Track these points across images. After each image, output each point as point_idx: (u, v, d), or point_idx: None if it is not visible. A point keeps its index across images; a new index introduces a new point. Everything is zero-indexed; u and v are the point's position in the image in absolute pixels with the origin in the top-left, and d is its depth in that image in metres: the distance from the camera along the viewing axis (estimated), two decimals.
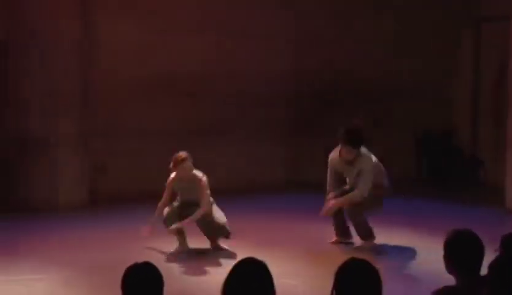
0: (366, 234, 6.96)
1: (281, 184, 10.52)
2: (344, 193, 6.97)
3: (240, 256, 3.05)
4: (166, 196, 6.84)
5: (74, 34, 9.07)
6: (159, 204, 6.84)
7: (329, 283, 2.90)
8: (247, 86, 10.49)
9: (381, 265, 2.95)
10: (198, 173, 6.73)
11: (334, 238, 7.24)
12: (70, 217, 8.55)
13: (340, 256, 6.14)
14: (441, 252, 3.36)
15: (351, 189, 6.91)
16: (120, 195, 9.32)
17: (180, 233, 6.77)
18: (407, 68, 11.19)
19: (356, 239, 7.11)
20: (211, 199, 6.79)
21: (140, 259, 3.11)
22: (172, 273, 6.01)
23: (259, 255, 2.98)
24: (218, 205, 6.91)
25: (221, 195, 7.11)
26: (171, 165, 6.70)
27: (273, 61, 10.60)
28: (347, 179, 7.02)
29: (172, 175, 6.78)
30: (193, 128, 10.17)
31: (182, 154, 6.70)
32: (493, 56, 10.82)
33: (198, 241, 6.91)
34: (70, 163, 9.03)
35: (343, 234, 7.23)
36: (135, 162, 9.80)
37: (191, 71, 10.14)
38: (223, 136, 10.39)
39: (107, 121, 9.73)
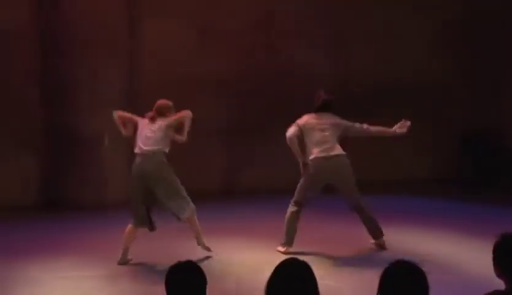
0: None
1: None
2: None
3: (280, 257, 3.00)
4: (128, 117, 6.66)
5: (123, 33, 9.17)
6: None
7: (373, 285, 2.84)
8: (296, 87, 10.44)
9: (428, 268, 2.86)
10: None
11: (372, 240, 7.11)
12: (118, 214, 8.62)
13: (384, 257, 6.11)
14: (491, 256, 3.28)
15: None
16: None
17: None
18: (455, 67, 10.99)
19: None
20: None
21: (185, 258, 3.10)
22: (213, 272, 6.00)
23: (301, 256, 2.94)
24: (267, 204, 6.86)
25: (276, 193, 7.06)
26: (156, 112, 6.52)
27: (322, 61, 10.52)
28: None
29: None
30: (241, 128, 10.17)
31: (166, 101, 6.59)
32: None
33: (236, 243, 6.90)
34: (118, 161, 9.12)
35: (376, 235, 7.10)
36: (184, 162, 9.84)
37: (239, 71, 10.14)
38: (269, 136, 10.37)
39: None
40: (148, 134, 6.47)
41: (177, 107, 10.16)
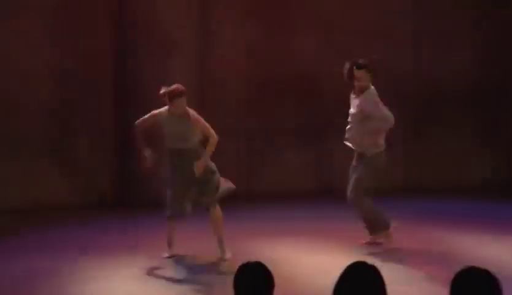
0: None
1: (397, 186, 10.20)
2: None
3: (345, 261, 2.96)
4: (146, 121, 6.52)
5: (190, 34, 9.26)
6: (139, 122, 6.57)
7: (444, 291, 2.77)
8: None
9: (503, 275, 2.77)
10: (190, 110, 6.46)
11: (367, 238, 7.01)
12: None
13: (455, 263, 5.95)
14: None
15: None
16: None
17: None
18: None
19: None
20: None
21: (256, 259, 3.09)
22: (281, 273, 5.98)
23: (368, 260, 2.90)
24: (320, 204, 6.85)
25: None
26: (166, 97, 6.38)
27: (390, 60, 10.35)
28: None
29: (162, 109, 6.44)
30: (309, 128, 10.11)
31: (180, 87, 6.42)
32: None
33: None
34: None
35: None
36: (248, 161, 9.86)
37: (304, 72, 10.10)
38: (333, 138, 10.28)
39: (222, 121, 9.83)
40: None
41: (248, 107, 10.17)
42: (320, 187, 9.96)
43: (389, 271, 3.83)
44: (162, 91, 6.47)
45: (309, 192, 9.66)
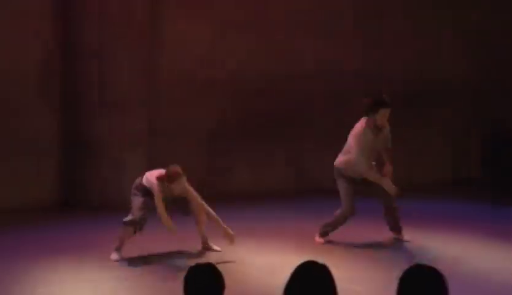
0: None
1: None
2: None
3: (298, 260, 2.99)
4: (163, 207, 6.59)
5: (141, 35, 9.20)
6: (164, 214, 6.57)
7: (391, 288, 2.82)
8: (316, 86, 10.41)
9: (448, 272, 2.83)
10: (188, 186, 6.68)
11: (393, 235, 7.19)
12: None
13: (402, 261, 6.06)
14: None
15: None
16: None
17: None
18: (475, 66, 10.90)
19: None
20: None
21: (202, 260, 3.10)
22: (233, 274, 5.98)
23: (323, 259, 2.93)
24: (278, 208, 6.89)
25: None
26: (166, 178, 6.53)
27: (341, 60, 10.47)
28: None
29: (159, 187, 6.55)
30: (266, 128, 10.14)
31: (178, 169, 6.59)
32: None
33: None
34: (133, 163, 9.13)
35: (396, 230, 7.19)
36: (200, 162, 9.86)
37: (257, 71, 10.13)
38: (296, 137, 10.36)
39: (171, 121, 9.82)
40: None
41: (199, 107, 10.19)
42: (287, 187, 9.98)
43: (341, 271, 3.88)
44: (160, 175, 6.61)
45: (275, 192, 9.69)
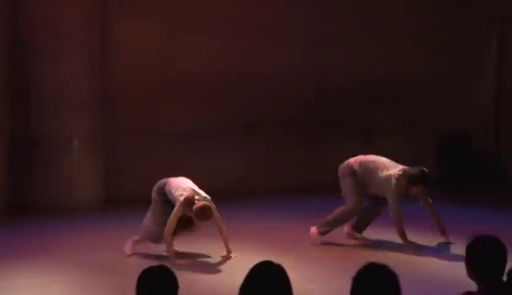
0: None
1: (302, 187, 10.36)
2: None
3: (253, 260, 2.98)
4: (171, 230, 6.38)
5: (91, 34, 9.10)
6: (169, 239, 6.41)
7: (346, 287, 2.84)
8: (265, 87, 10.43)
9: (400, 270, 2.86)
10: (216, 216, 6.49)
11: (347, 230, 7.25)
12: (86, 217, 8.53)
13: (357, 259, 6.10)
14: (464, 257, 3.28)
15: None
16: (138, 195, 9.30)
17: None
18: (429, 68, 11.05)
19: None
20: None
21: (155, 262, 3.08)
22: (187, 276, 5.95)
23: (274, 260, 2.92)
24: (226, 208, 6.84)
25: (235, 195, 7.06)
26: (201, 215, 6.30)
27: (288, 61, 10.51)
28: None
29: (182, 208, 6.33)
30: (216, 129, 10.12)
31: (209, 211, 6.34)
32: None
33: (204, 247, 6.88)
34: (86, 163, 9.03)
35: (359, 229, 7.27)
36: (153, 162, 9.79)
37: (209, 72, 10.11)
38: (247, 138, 10.35)
39: (124, 121, 9.73)
40: None
41: (151, 107, 10.12)
42: (241, 187, 9.98)
43: (297, 271, 3.88)
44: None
45: (227, 193, 9.70)
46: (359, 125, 10.79)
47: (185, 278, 4.47)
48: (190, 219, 6.41)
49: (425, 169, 7.02)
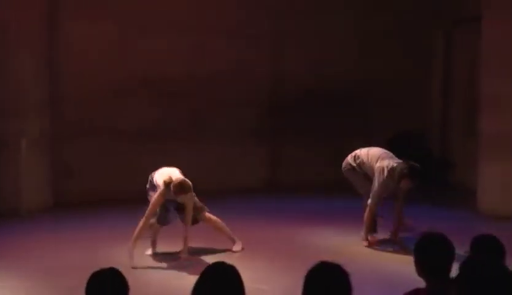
0: None
1: (259, 186, 10.39)
2: None
3: (208, 262, 2.98)
4: (154, 210, 6.56)
5: (39, 34, 8.96)
6: (144, 222, 6.49)
7: (298, 286, 2.85)
8: (226, 88, 10.43)
9: (352, 269, 2.89)
10: (191, 200, 6.66)
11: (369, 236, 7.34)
12: (34, 221, 8.37)
13: (315, 260, 6.14)
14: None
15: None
16: (87, 196, 9.19)
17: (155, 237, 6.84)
18: (377, 69, 11.19)
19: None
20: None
21: (107, 264, 3.05)
22: (139, 278, 5.89)
23: (232, 261, 2.92)
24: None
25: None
26: (179, 188, 6.44)
27: (252, 62, 10.53)
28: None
29: (163, 192, 6.51)
30: (167, 129, 10.06)
31: (185, 184, 6.48)
32: (465, 57, 10.87)
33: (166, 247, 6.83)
34: (34, 165, 8.87)
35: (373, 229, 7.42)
36: (103, 163, 9.69)
37: (165, 72, 10.05)
38: (199, 138, 10.32)
39: (74, 122, 9.61)
40: None
41: (101, 108, 10.01)
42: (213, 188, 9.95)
43: (249, 271, 3.89)
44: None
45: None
46: (316, 126, 10.86)
47: (137, 280, 4.43)
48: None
49: (416, 164, 7.11)
